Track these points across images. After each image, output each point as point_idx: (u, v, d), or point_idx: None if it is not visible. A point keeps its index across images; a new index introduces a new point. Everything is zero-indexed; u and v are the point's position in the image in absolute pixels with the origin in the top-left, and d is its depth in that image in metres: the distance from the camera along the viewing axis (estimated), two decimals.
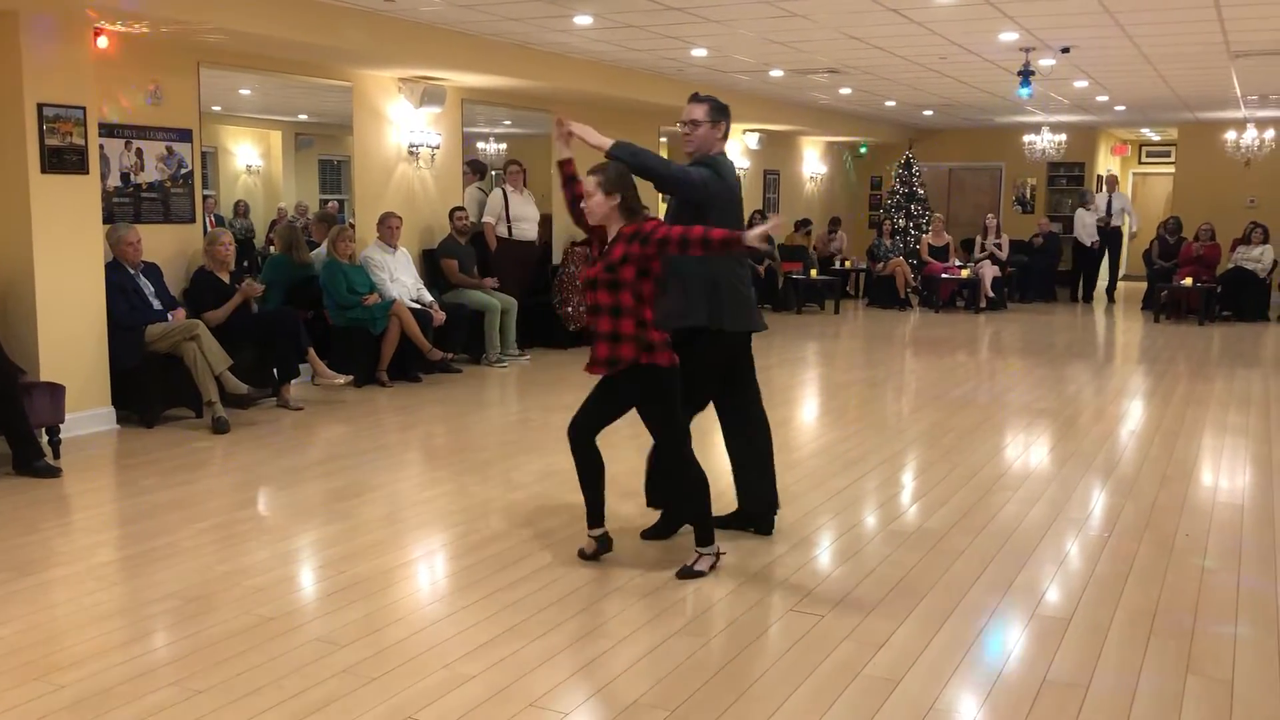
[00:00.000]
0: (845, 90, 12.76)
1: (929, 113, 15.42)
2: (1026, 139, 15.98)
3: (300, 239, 8.68)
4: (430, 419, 7.55)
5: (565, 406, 7.80)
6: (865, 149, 19.06)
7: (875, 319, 14.15)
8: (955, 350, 11.29)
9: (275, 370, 7.59)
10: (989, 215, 16.02)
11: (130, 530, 4.96)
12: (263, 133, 9.93)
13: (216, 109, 8.50)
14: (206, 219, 8.30)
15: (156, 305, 7.09)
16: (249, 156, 9.87)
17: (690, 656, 3.55)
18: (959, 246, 15.91)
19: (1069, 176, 18.18)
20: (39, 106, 6.33)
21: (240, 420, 7.07)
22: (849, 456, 6.42)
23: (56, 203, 6.50)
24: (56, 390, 6.11)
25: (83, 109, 6.55)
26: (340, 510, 5.22)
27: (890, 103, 14.24)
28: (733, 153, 4.78)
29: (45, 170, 6.40)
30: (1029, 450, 6.68)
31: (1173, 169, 18.77)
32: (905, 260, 15.50)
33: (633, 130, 4.58)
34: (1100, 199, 16.45)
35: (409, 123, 9.73)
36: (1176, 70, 10.91)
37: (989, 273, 14.91)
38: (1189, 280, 13.76)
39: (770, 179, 16.54)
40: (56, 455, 6.04)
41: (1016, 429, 7.28)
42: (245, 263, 8.69)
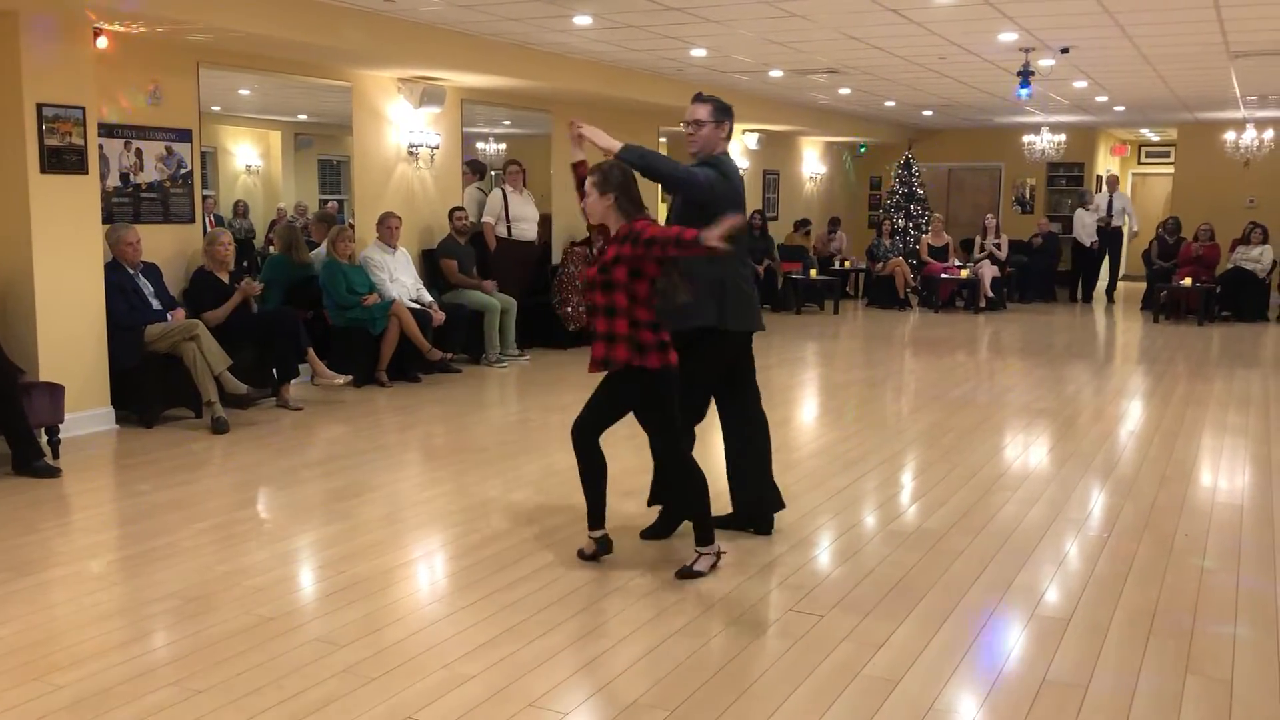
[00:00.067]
0: (845, 90, 12.76)
1: (928, 113, 15.43)
2: (1026, 139, 15.99)
3: (300, 239, 8.68)
4: (430, 419, 7.55)
5: (565, 407, 7.85)
6: (865, 149, 19.06)
7: (875, 319, 14.15)
8: (954, 350, 11.29)
9: (274, 370, 7.59)
10: (988, 215, 16.03)
11: (130, 530, 4.96)
12: (262, 133, 9.92)
13: (216, 109, 8.50)
14: (206, 219, 8.30)
15: (156, 305, 7.09)
16: (248, 156, 9.87)
17: (690, 656, 3.55)
18: (958, 247, 15.92)
19: (1068, 177, 18.18)
20: (38, 106, 6.33)
21: (240, 420, 7.07)
22: (848, 456, 6.42)
23: (56, 203, 6.50)
24: (56, 390, 6.11)
25: (82, 109, 6.55)
26: (340, 510, 5.23)
27: (890, 103, 14.24)
28: (733, 153, 4.78)
29: (45, 170, 6.40)
30: (1028, 450, 6.68)
31: (1172, 169, 18.78)
32: (905, 260, 15.50)
33: (633, 130, 4.59)
34: (1101, 199, 16.45)
35: (408, 123, 9.73)
36: (1176, 70, 10.92)
37: (988, 273, 14.91)
38: (1188, 280, 13.76)
39: (770, 179, 16.55)
40: (56, 455, 6.04)
41: (1016, 429, 7.28)
42: (245, 263, 8.69)
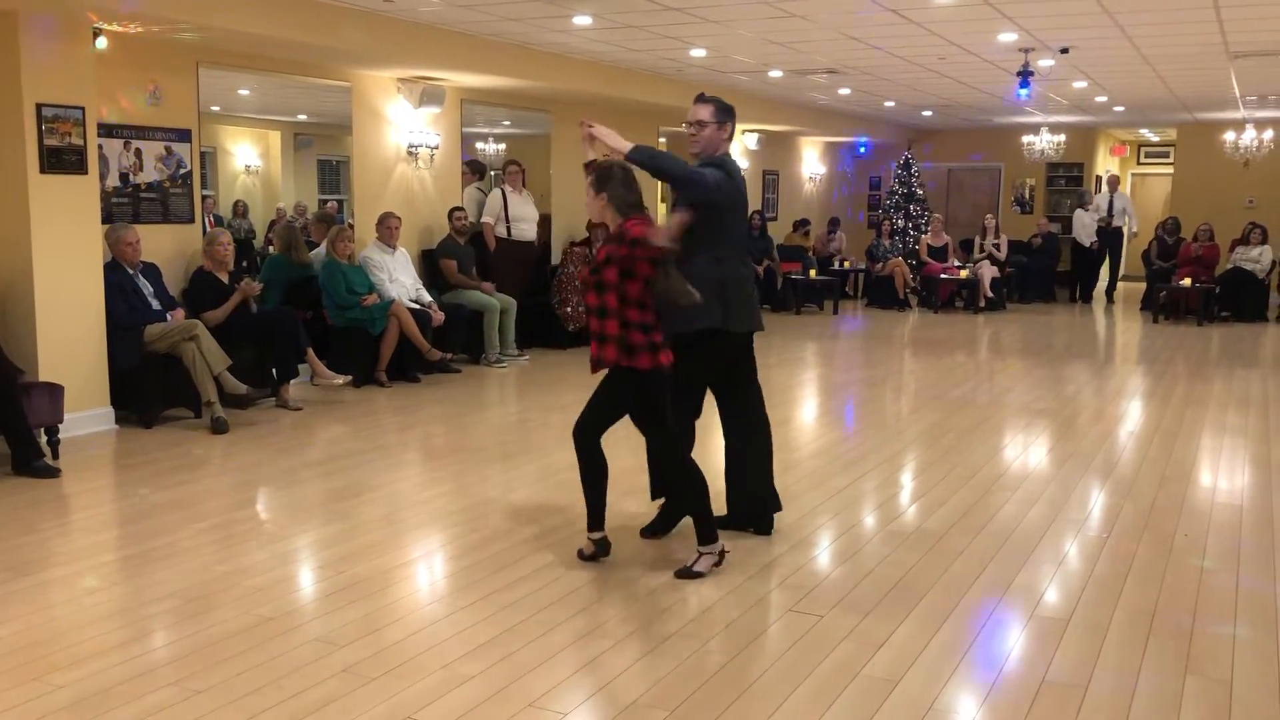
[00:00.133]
0: (844, 91, 12.76)
1: (928, 113, 15.43)
2: (1025, 139, 16.00)
3: (299, 239, 8.67)
4: (429, 419, 7.55)
5: (564, 407, 7.85)
6: (864, 149, 19.06)
7: (874, 319, 14.15)
8: (954, 351, 11.29)
9: (274, 370, 7.59)
10: (988, 216, 16.03)
11: (129, 530, 4.96)
12: (262, 133, 9.92)
13: (215, 109, 8.50)
14: (205, 219, 8.30)
15: (155, 305, 7.09)
16: (248, 156, 9.87)
17: (689, 657, 3.55)
18: (958, 247, 15.92)
19: (1068, 177, 18.18)
20: (38, 106, 6.33)
21: (239, 420, 7.07)
22: (848, 457, 6.42)
23: (55, 203, 6.50)
24: (55, 390, 6.11)
25: (81, 109, 6.55)
26: (339, 510, 5.22)
27: (889, 103, 14.24)
28: (733, 153, 4.78)
29: (44, 170, 6.40)
30: (1028, 450, 6.68)
31: (1171, 169, 18.78)
32: (904, 261, 15.50)
33: (632, 130, 4.57)
34: (1102, 199, 16.45)
35: (408, 123, 9.73)
36: (1175, 71, 10.92)
37: (988, 273, 14.91)
38: (1188, 281, 13.76)
39: (769, 179, 16.55)
40: (55, 455, 6.04)
41: (1015, 429, 7.28)
42: (244, 263, 8.69)
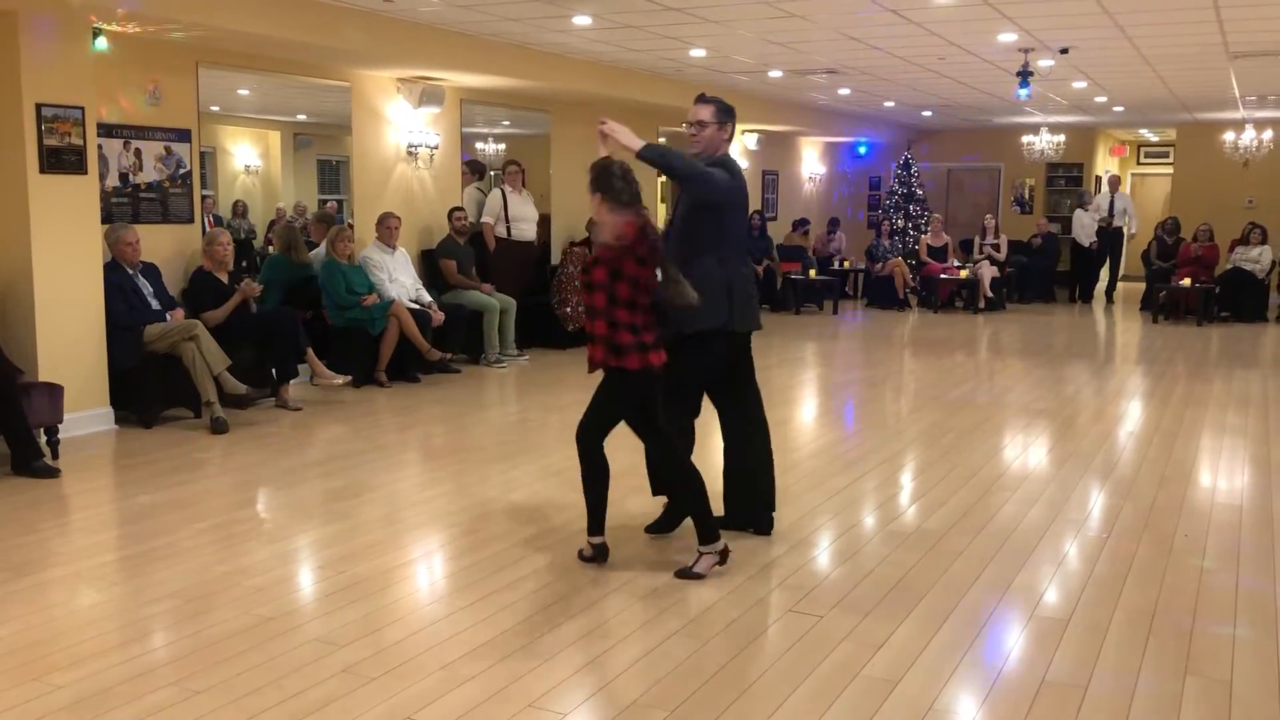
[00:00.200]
0: (844, 91, 12.77)
1: (928, 113, 15.43)
2: (1025, 139, 16.00)
3: (299, 239, 8.67)
4: (429, 419, 7.55)
5: (564, 407, 7.85)
6: (866, 150, 19.06)
7: (874, 319, 14.15)
8: (954, 351, 11.29)
9: (274, 370, 7.58)
10: (987, 216, 16.03)
11: (129, 530, 4.96)
12: (261, 133, 9.92)
13: (215, 109, 8.49)
14: (205, 219, 8.30)
15: (155, 305, 7.09)
16: (247, 156, 9.86)
17: (689, 657, 3.55)
18: (958, 247, 15.92)
19: (1067, 177, 18.18)
20: (37, 106, 6.33)
21: (239, 420, 7.06)
22: (848, 457, 6.42)
23: (55, 203, 6.49)
24: (55, 390, 6.11)
25: (81, 109, 6.55)
26: (339, 511, 5.22)
27: (889, 103, 14.24)
28: (732, 153, 4.79)
29: (44, 170, 6.40)
30: (1028, 451, 6.68)
31: (1171, 170, 18.78)
32: (904, 261, 15.50)
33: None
34: (1102, 199, 16.45)
35: (408, 123, 9.73)
36: (1175, 71, 10.92)
37: (988, 273, 14.91)
38: (1187, 281, 13.76)
39: (769, 179, 16.55)
40: (55, 455, 6.04)
41: (1015, 429, 7.28)
42: (244, 263, 8.69)
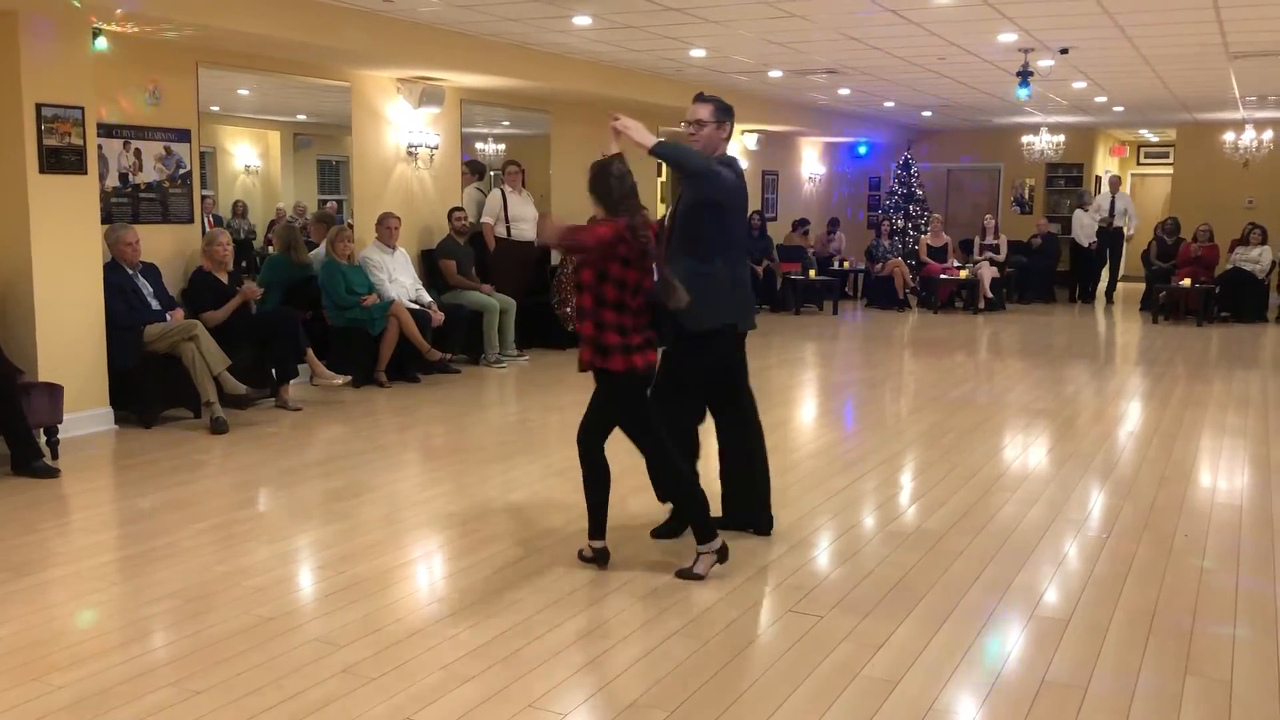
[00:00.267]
0: (844, 91, 12.76)
1: (928, 113, 15.43)
2: (1025, 140, 16.00)
3: (299, 239, 8.67)
4: (429, 419, 7.55)
5: (564, 407, 7.85)
6: (866, 150, 19.06)
7: (874, 320, 14.15)
8: (954, 351, 11.29)
9: (273, 371, 7.58)
10: (987, 216, 16.02)
11: (129, 530, 4.96)
12: (261, 133, 9.91)
13: (215, 109, 8.49)
14: (205, 219, 8.30)
15: (155, 305, 7.09)
16: (247, 156, 9.86)
17: (689, 657, 3.55)
18: (957, 247, 15.92)
19: (1067, 177, 18.17)
20: (37, 106, 6.33)
21: (239, 421, 7.06)
22: (848, 457, 6.42)
23: (55, 203, 6.49)
24: (55, 390, 6.11)
25: (81, 109, 6.55)
26: (339, 511, 5.22)
27: (889, 103, 14.24)
28: (732, 153, 4.78)
29: (44, 170, 6.40)
30: (1028, 451, 6.68)
31: (1171, 170, 18.78)
32: (904, 261, 15.50)
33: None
34: (1103, 199, 16.44)
35: (408, 123, 9.73)
36: (1175, 71, 10.92)
37: (987, 274, 14.91)
38: (1187, 281, 13.75)
39: (769, 179, 16.55)
40: (55, 456, 6.04)
41: (1015, 430, 7.28)
42: (244, 263, 8.68)
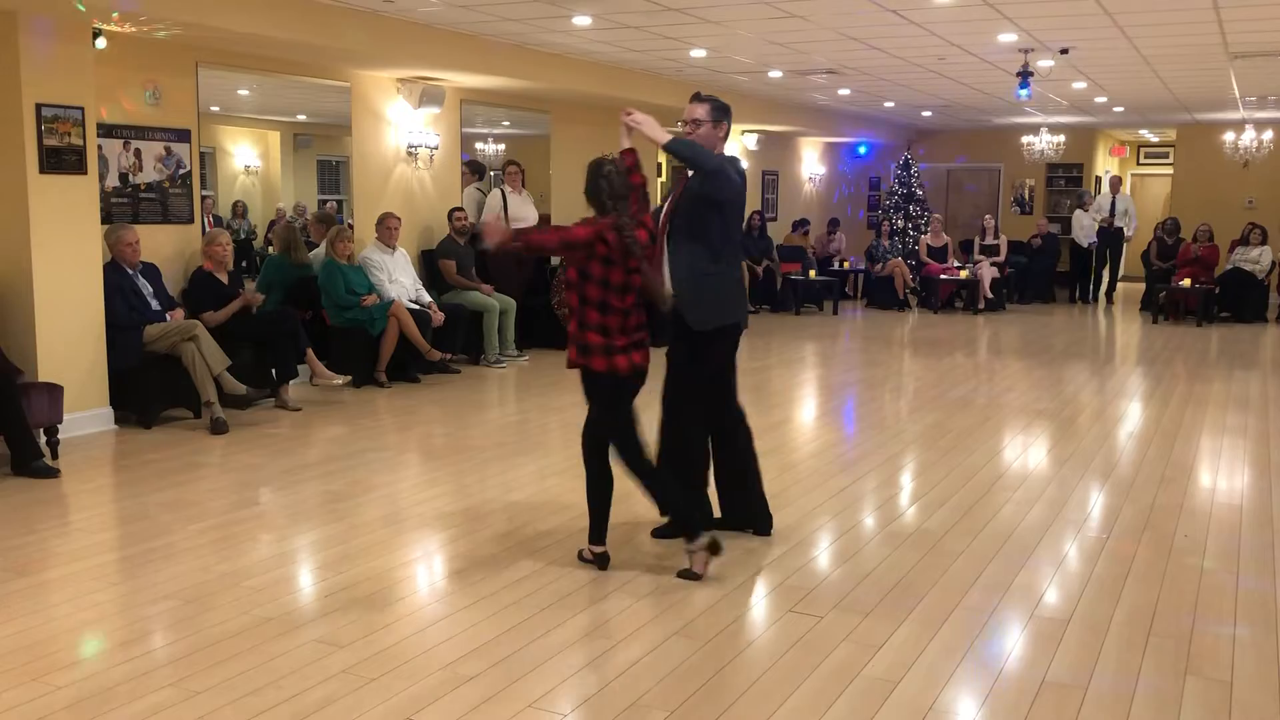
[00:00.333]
0: (844, 91, 12.76)
1: (928, 114, 15.43)
2: (1025, 140, 16.00)
3: (298, 239, 8.67)
4: (429, 420, 7.55)
5: (564, 407, 7.85)
6: (864, 149, 19.06)
7: (874, 320, 14.15)
8: (954, 351, 11.29)
9: (273, 371, 7.58)
10: (986, 216, 16.03)
11: (129, 530, 4.96)
12: (261, 133, 9.91)
13: (215, 109, 8.49)
14: (205, 219, 8.30)
15: (155, 305, 7.09)
16: (247, 157, 9.86)
17: (689, 657, 3.55)
18: (957, 247, 15.92)
19: (1067, 178, 18.18)
20: (37, 106, 6.33)
21: (239, 421, 7.06)
22: (848, 457, 6.42)
23: (55, 203, 6.49)
24: (54, 390, 6.11)
25: (81, 109, 6.55)
26: (339, 511, 5.22)
27: (889, 103, 14.24)
28: (731, 153, 4.79)
29: (43, 170, 6.40)
30: (1028, 451, 6.68)
31: (1171, 170, 18.78)
32: (904, 261, 15.50)
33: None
34: (1104, 199, 16.44)
35: (408, 123, 9.73)
36: (1175, 71, 10.92)
37: (987, 274, 14.91)
38: (1187, 281, 13.76)
39: (769, 179, 16.55)
40: (54, 456, 6.04)
41: (1015, 430, 7.28)
42: (244, 263, 8.68)
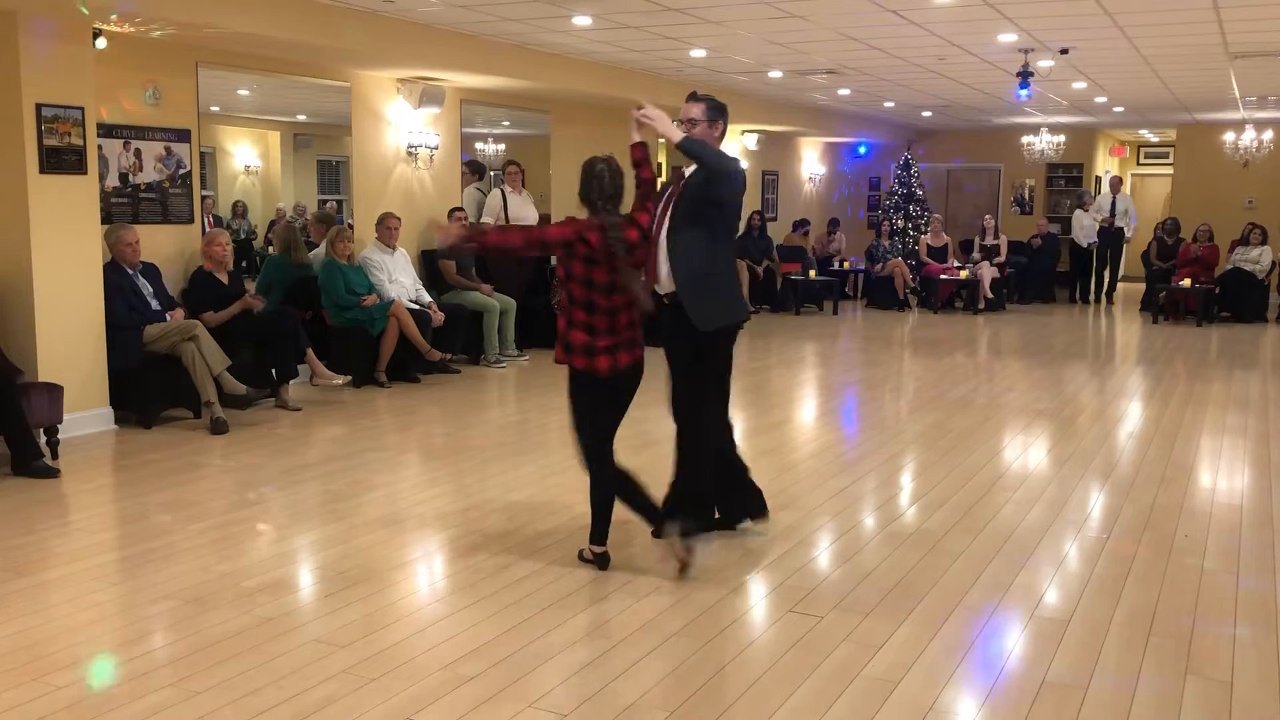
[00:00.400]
0: (844, 91, 12.76)
1: (928, 114, 15.43)
2: (1025, 140, 15.99)
3: (298, 239, 8.67)
4: (429, 420, 7.54)
5: (563, 407, 7.74)
6: (864, 149, 19.06)
7: (874, 320, 14.15)
8: (954, 351, 11.29)
9: (274, 371, 7.58)
10: (986, 216, 16.03)
11: (129, 530, 4.96)
12: (261, 133, 9.91)
13: (215, 109, 8.49)
14: (205, 219, 8.30)
15: (155, 305, 7.09)
16: (247, 157, 9.85)
17: (689, 657, 3.55)
18: (957, 248, 15.92)
19: (1067, 178, 18.18)
20: (37, 106, 6.33)
21: (239, 421, 7.06)
22: (848, 457, 6.42)
23: (55, 203, 6.49)
24: (55, 390, 6.11)
25: (81, 109, 6.55)
26: (339, 511, 5.22)
27: (889, 104, 14.24)
28: (731, 153, 4.79)
29: (44, 170, 6.40)
30: (1028, 451, 6.68)
31: (1171, 170, 18.78)
32: (904, 261, 15.50)
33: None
34: (1104, 199, 16.44)
35: (408, 123, 9.73)
36: (1175, 71, 10.92)
37: (988, 274, 14.91)
38: (1187, 281, 13.75)
39: (769, 179, 16.55)
40: (55, 456, 6.04)
41: (1015, 430, 7.28)
42: (244, 263, 8.68)
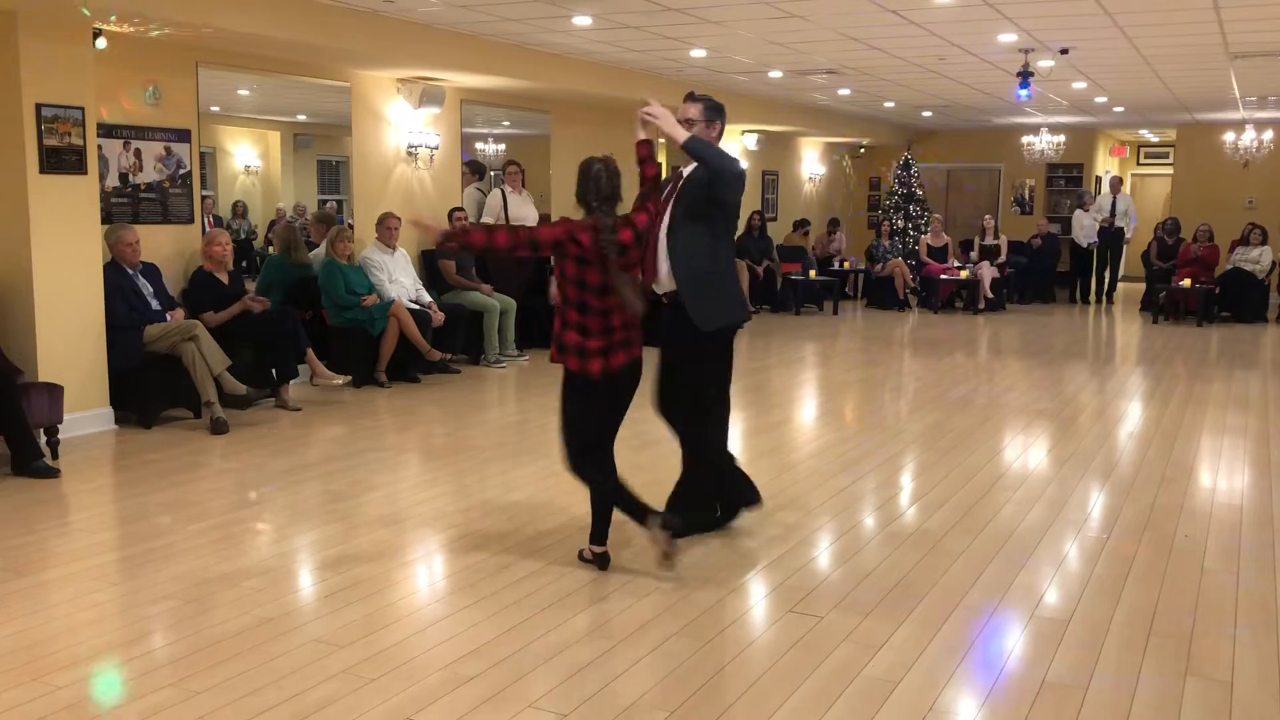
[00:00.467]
0: (844, 91, 12.76)
1: (928, 114, 15.43)
2: (1025, 140, 15.99)
3: (298, 239, 8.67)
4: (429, 420, 7.55)
5: None
6: (864, 149, 19.06)
7: (874, 320, 14.15)
8: (954, 351, 11.29)
9: (274, 371, 7.58)
10: (986, 216, 16.03)
11: (129, 530, 4.96)
12: (261, 133, 9.91)
13: (215, 109, 8.49)
14: (205, 219, 8.30)
15: (155, 305, 7.09)
16: (247, 157, 9.85)
17: (689, 657, 3.55)
18: (957, 248, 15.91)
19: (1067, 178, 18.18)
20: (37, 106, 6.33)
21: (239, 421, 7.06)
22: (848, 457, 6.42)
23: (55, 203, 6.49)
24: (55, 391, 6.11)
25: (81, 109, 6.55)
26: (339, 511, 5.22)
27: (889, 104, 14.24)
28: (731, 153, 4.79)
29: (44, 170, 6.40)
30: (1028, 451, 6.68)
31: (1171, 170, 18.78)
32: (904, 261, 15.49)
33: (631, 130, 4.62)
34: (1104, 199, 16.44)
35: (408, 123, 9.73)
36: (1175, 71, 10.92)
37: (988, 274, 14.91)
38: (1187, 281, 13.75)
39: (769, 180, 16.55)
40: (55, 456, 6.04)
41: (1015, 430, 7.28)
42: (244, 263, 8.68)
